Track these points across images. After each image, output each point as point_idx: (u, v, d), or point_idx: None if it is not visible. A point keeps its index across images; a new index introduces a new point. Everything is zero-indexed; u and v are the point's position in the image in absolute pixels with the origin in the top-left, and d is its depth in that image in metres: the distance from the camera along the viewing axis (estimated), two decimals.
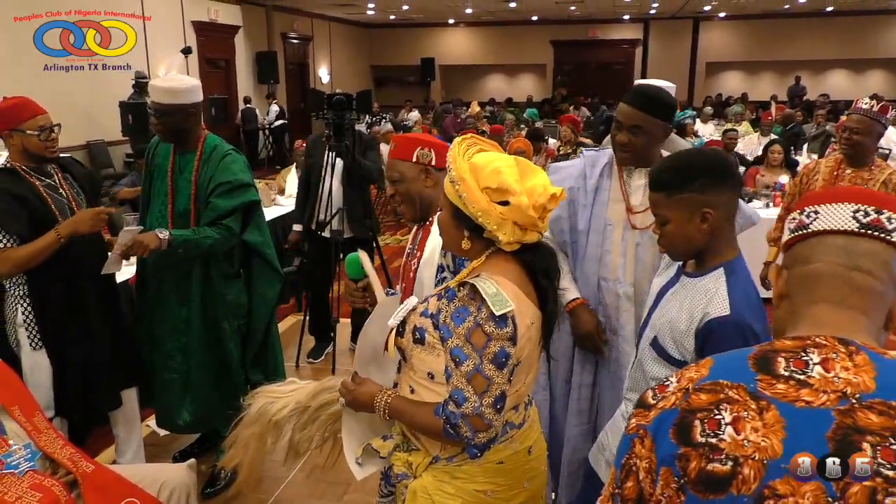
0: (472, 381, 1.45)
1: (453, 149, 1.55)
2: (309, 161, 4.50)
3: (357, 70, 20.42)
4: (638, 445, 0.93)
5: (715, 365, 0.95)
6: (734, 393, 0.89)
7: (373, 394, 1.64)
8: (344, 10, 17.41)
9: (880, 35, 18.60)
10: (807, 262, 0.98)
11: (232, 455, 2.00)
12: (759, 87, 19.45)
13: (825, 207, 0.98)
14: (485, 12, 18.56)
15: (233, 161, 2.87)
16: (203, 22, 12.53)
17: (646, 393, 0.99)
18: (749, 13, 18.64)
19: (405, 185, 1.89)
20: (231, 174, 2.84)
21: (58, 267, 2.57)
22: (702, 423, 0.88)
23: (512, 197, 1.44)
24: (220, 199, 2.81)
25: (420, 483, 1.61)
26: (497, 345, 1.44)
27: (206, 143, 2.88)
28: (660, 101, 2.21)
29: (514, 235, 1.47)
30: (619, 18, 20.03)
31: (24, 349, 2.61)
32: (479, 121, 11.07)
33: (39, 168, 2.63)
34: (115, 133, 9.52)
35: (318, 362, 4.56)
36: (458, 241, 1.55)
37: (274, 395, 1.99)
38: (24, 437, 2.07)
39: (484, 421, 1.46)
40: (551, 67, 21.05)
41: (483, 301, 1.42)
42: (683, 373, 0.97)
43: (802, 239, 0.99)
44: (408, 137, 1.92)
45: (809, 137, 9.55)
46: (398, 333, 1.59)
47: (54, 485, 1.99)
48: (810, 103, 14.30)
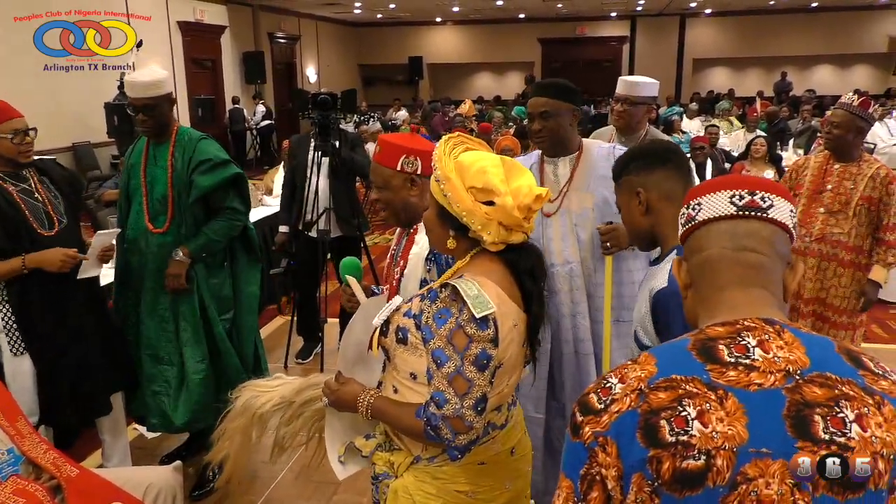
0: (453, 383, 1.44)
1: (439, 147, 1.54)
2: (294, 161, 4.48)
3: (345, 69, 20.37)
4: (601, 454, 0.91)
5: (659, 361, 0.95)
6: (692, 387, 0.90)
7: (356, 394, 1.63)
8: (331, 9, 17.36)
9: (865, 30, 18.73)
10: (700, 251, 1.03)
11: (218, 448, 2.02)
12: (745, 83, 19.53)
13: (706, 198, 1.04)
14: (472, 10, 18.56)
15: (209, 143, 2.93)
16: (189, 22, 12.46)
17: (587, 397, 0.96)
18: (735, 9, 18.73)
19: (389, 193, 1.83)
20: (210, 153, 2.89)
21: (38, 271, 2.54)
22: (668, 422, 0.88)
23: (497, 197, 1.44)
24: (203, 177, 2.84)
25: (401, 483, 1.60)
26: (478, 347, 1.43)
27: (179, 132, 2.92)
28: (562, 86, 2.45)
29: (498, 236, 1.47)
30: (606, 16, 20.08)
31: (4, 355, 2.58)
32: (468, 119, 11.07)
33: (14, 173, 2.59)
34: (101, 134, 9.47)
35: (306, 362, 4.55)
36: (444, 239, 1.55)
37: (259, 390, 2.00)
38: (7, 441, 2.05)
39: (465, 423, 1.45)
40: (539, 65, 21.08)
41: (464, 303, 1.42)
42: (624, 372, 0.96)
43: (693, 230, 1.05)
44: (393, 143, 1.83)
45: (795, 133, 9.60)
46: (382, 333, 1.59)
47: (38, 489, 1.98)
48: (796, 99, 14.39)
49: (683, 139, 7.98)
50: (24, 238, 2.54)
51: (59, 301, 2.64)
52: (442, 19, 20.78)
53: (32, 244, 2.55)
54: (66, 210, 2.71)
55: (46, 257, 2.53)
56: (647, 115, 3.33)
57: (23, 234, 2.54)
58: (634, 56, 20.26)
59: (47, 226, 2.61)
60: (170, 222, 2.88)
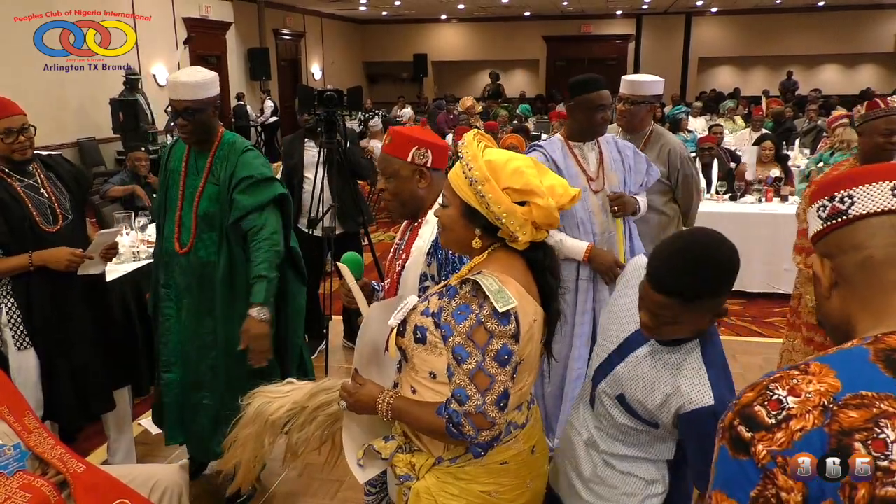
0: (475, 379, 1.43)
1: (470, 146, 1.51)
2: (290, 162, 4.39)
3: (349, 66, 20.36)
4: (781, 476, 0.82)
5: (840, 374, 0.85)
6: (887, 405, 0.81)
7: (374, 395, 1.61)
8: (336, 6, 17.35)
9: (872, 29, 18.64)
10: (858, 249, 0.94)
11: (230, 456, 2.00)
12: (751, 82, 19.47)
13: (860, 190, 0.94)
14: (477, 8, 18.53)
15: (254, 156, 2.68)
16: (194, 18, 12.46)
17: (752, 409, 0.86)
18: (741, 8, 18.66)
19: (397, 183, 1.84)
20: (253, 168, 2.62)
21: (41, 267, 2.54)
22: (864, 444, 0.80)
23: (538, 198, 1.43)
24: (245, 196, 2.60)
25: (423, 484, 1.59)
26: (499, 342, 1.41)
27: (223, 140, 2.68)
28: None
29: (531, 235, 1.47)
30: (611, 14, 20.03)
31: (10, 349, 2.59)
32: (473, 117, 11.04)
33: (19, 168, 2.58)
34: (107, 130, 9.48)
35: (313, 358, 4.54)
36: (468, 239, 1.52)
37: (271, 396, 1.97)
38: (14, 437, 2.05)
39: (487, 419, 1.44)
40: (544, 63, 21.04)
41: (486, 298, 1.40)
42: (793, 384, 0.86)
43: (841, 226, 0.95)
44: (405, 134, 1.84)
45: (801, 132, 9.57)
46: (399, 333, 1.57)
47: (44, 485, 1.98)
48: (802, 98, 14.33)
49: (689, 138, 7.97)
50: (27, 233, 2.54)
51: (61, 297, 2.63)
52: (447, 17, 20.74)
53: (36, 240, 2.56)
54: (71, 206, 2.70)
55: (53, 256, 2.53)
56: (651, 114, 3.33)
57: (26, 230, 2.54)
58: (640, 54, 20.20)
59: (51, 221, 2.61)
60: (193, 240, 2.65)
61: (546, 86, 20.61)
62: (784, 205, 5.83)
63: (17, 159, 2.55)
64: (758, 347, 4.67)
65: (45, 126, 2.69)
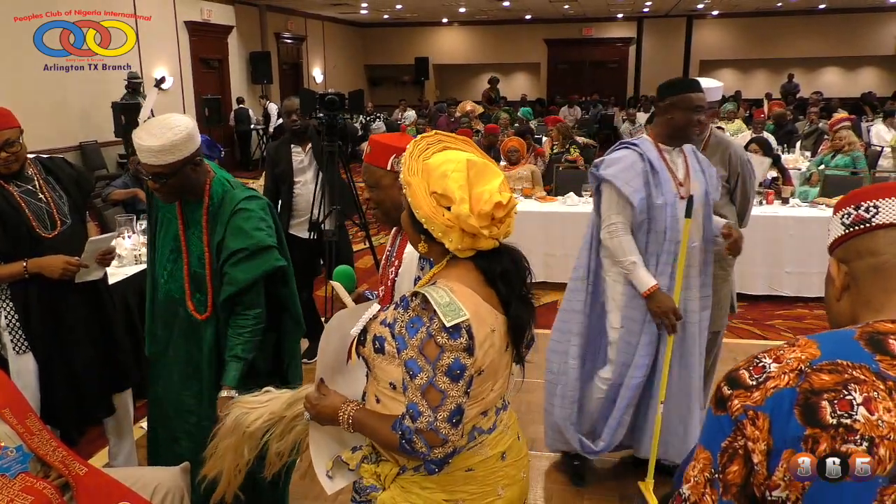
0: (427, 395, 1.39)
1: (408, 148, 1.48)
2: (276, 171, 4.32)
3: (351, 70, 20.40)
4: (749, 427, 0.91)
5: (822, 345, 0.94)
6: (859, 373, 0.89)
7: (336, 407, 1.58)
8: (337, 9, 17.38)
9: (873, 32, 18.66)
10: (873, 255, 1.02)
11: (210, 466, 1.96)
12: (752, 84, 19.48)
13: (885, 202, 1.02)
14: (478, 11, 18.55)
15: (247, 217, 2.29)
16: (196, 22, 12.48)
17: (737, 373, 0.96)
18: (742, 11, 18.67)
19: (380, 192, 1.82)
20: (247, 238, 2.27)
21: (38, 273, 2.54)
22: (831, 403, 0.87)
23: (453, 204, 1.37)
24: (237, 270, 2.27)
25: (388, 495, 1.56)
26: (451, 356, 1.37)
27: (212, 191, 2.32)
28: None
29: (462, 243, 1.40)
30: (612, 17, 20.05)
31: (9, 353, 2.59)
32: (473, 120, 11.06)
33: (17, 173, 2.56)
34: (109, 134, 9.49)
35: (311, 363, 4.55)
36: (416, 242, 1.51)
37: (248, 406, 1.93)
38: (16, 439, 2.05)
39: (439, 436, 1.39)
40: (545, 66, 21.06)
41: (434, 312, 1.36)
42: (780, 353, 0.95)
43: (863, 233, 1.03)
44: (383, 143, 1.81)
45: (803, 135, 9.57)
46: (360, 342, 1.54)
47: (46, 487, 1.98)
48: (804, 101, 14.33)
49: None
50: (24, 239, 2.53)
51: (58, 302, 2.62)
52: (448, 20, 20.78)
53: (33, 245, 2.55)
54: (70, 210, 2.68)
55: (48, 264, 2.52)
56: (712, 119, 3.37)
57: (23, 236, 2.53)
58: (641, 58, 20.22)
59: (49, 227, 2.60)
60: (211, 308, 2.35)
61: (547, 89, 20.64)
62: (785, 207, 5.82)
63: (2, 173, 2.52)
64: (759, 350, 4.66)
65: (47, 129, 2.70)
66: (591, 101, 17.70)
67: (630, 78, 20.49)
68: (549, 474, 3.29)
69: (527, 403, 3.66)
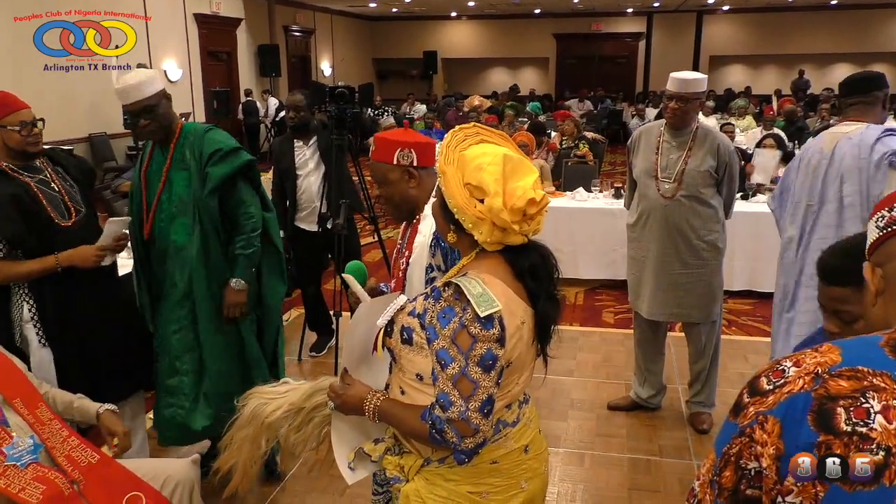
0: (458, 385, 1.40)
1: (446, 137, 1.50)
2: (281, 166, 4.35)
3: (359, 63, 20.38)
4: (759, 431, 0.89)
5: (844, 351, 0.91)
6: (879, 381, 0.86)
7: (362, 397, 1.58)
8: (346, 2, 17.37)
9: (884, 28, 18.52)
10: None
11: (227, 457, 1.96)
12: (762, 80, 19.38)
13: None
14: (487, 5, 18.51)
15: (216, 133, 2.82)
16: (205, 15, 12.50)
17: (758, 380, 0.95)
18: (752, 6, 18.57)
19: (388, 187, 1.84)
20: (220, 143, 2.76)
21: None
22: (846, 410, 0.85)
23: (487, 197, 1.39)
24: (216, 167, 2.71)
25: (412, 486, 1.56)
26: (483, 347, 1.38)
27: (184, 129, 2.79)
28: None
29: (492, 236, 1.41)
30: (622, 12, 19.97)
31: (32, 345, 2.58)
32: (482, 114, 11.04)
33: (28, 165, 2.58)
34: (118, 126, 9.52)
35: (320, 356, 4.57)
36: (445, 232, 1.52)
37: (267, 397, 1.93)
38: (28, 429, 2.06)
39: (471, 426, 1.40)
40: (554, 60, 21.00)
41: (468, 301, 1.37)
42: (801, 358, 0.93)
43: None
44: (387, 138, 1.84)
45: (813, 132, 9.52)
46: (386, 333, 1.54)
47: (57, 477, 1.99)
48: (814, 97, 14.25)
49: None
50: (44, 229, 2.54)
51: (71, 293, 2.62)
52: (457, 14, 20.74)
53: (53, 236, 2.56)
54: (82, 199, 2.70)
55: (80, 255, 2.54)
56: (698, 110, 3.40)
57: (43, 225, 2.53)
58: (650, 53, 20.13)
59: (65, 216, 2.60)
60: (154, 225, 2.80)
61: (556, 83, 20.58)
62: None
63: (30, 151, 2.54)
64: (769, 348, 4.63)
65: (53, 122, 2.69)
66: (597, 96, 17.63)
67: (640, 73, 20.41)
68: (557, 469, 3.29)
69: (534, 399, 3.65)
